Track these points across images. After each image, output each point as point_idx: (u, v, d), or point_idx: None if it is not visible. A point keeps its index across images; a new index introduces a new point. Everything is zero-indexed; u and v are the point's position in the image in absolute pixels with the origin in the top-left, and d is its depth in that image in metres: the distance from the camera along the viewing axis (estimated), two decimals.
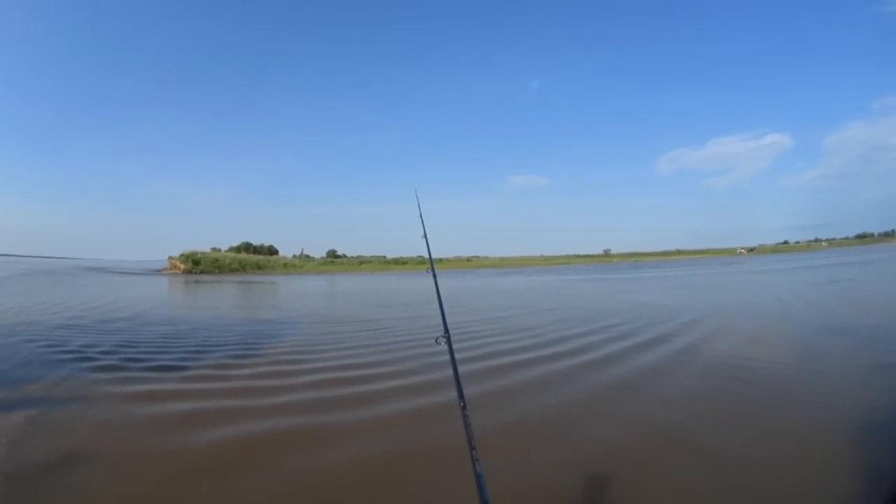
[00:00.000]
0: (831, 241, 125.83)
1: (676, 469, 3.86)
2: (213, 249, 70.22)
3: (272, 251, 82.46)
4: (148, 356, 8.07)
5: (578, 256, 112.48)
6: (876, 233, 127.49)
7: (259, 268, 65.03)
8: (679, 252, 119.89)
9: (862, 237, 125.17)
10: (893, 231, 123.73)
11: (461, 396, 1.83)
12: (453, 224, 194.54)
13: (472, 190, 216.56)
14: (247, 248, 78.16)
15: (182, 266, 56.84)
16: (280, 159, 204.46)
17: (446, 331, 2.28)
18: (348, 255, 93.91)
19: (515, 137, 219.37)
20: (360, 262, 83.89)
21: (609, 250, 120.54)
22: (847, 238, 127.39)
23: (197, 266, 57.77)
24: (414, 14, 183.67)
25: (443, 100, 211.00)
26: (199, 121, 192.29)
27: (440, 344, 2.26)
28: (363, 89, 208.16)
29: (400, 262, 79.80)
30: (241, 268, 62.36)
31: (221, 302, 21.79)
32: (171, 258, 59.91)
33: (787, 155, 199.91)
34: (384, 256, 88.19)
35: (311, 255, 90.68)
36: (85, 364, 7.43)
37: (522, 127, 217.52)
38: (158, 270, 56.69)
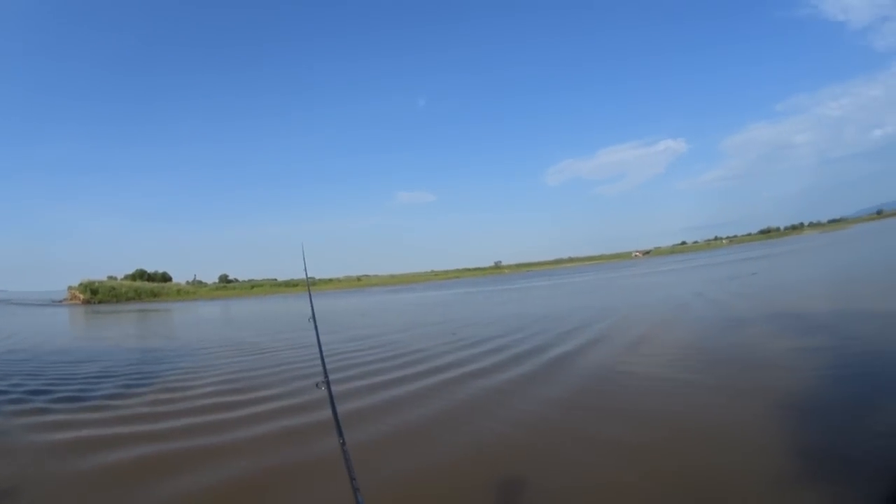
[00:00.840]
0: (732, 239, 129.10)
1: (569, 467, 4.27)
2: (110, 278, 71.30)
3: (166, 278, 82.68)
4: (54, 389, 8.71)
5: (469, 270, 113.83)
6: (782, 227, 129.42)
7: (154, 295, 67.21)
8: (571, 259, 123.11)
9: (766, 232, 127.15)
10: (802, 224, 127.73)
11: (340, 434, 1.90)
12: (343, 243, 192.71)
13: (360, 208, 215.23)
14: (141, 275, 78.90)
15: (81, 296, 58.95)
16: (170, 182, 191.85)
17: (326, 376, 2.43)
18: (240, 279, 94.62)
19: (402, 155, 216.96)
20: (252, 286, 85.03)
21: (500, 262, 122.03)
22: (750, 234, 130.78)
23: (95, 296, 59.67)
24: (302, 34, 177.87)
25: (330, 118, 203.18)
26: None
27: (320, 388, 2.37)
28: (250, 119, 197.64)
29: (291, 285, 79.63)
30: (137, 296, 63.68)
31: (120, 332, 22.92)
32: (70, 288, 61.38)
33: (683, 159, 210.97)
34: (275, 279, 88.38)
35: (204, 280, 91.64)
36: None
37: (409, 144, 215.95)
38: (59, 301, 57.78)
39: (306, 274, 4.75)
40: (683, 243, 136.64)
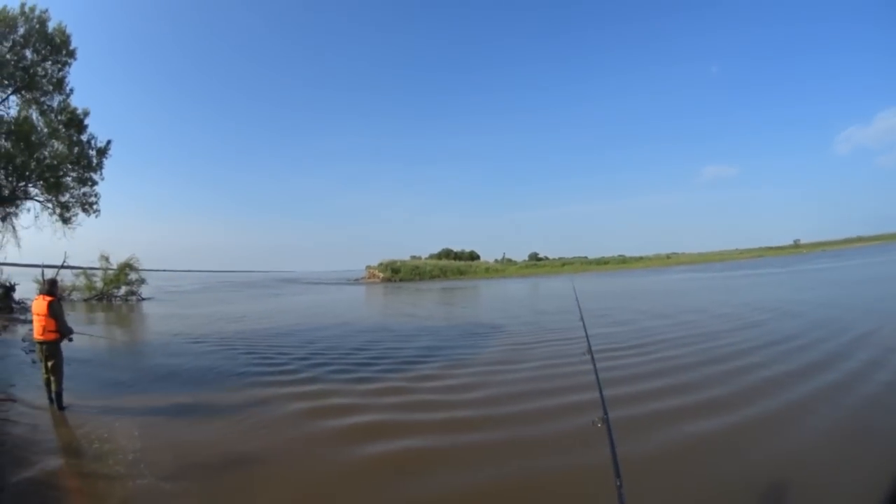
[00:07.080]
0: None
1: None
2: (413, 257, 73.30)
3: (473, 256, 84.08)
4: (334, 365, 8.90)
5: (770, 249, 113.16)
6: None
7: (460, 273, 65.82)
8: (860, 239, 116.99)
9: None
10: None
11: (618, 474, 1.77)
12: (652, 221, 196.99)
13: (664, 184, 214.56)
14: (447, 254, 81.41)
15: (381, 274, 59.28)
16: (475, 164, 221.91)
17: (605, 412, 2.38)
18: (550, 256, 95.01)
19: (701, 126, 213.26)
20: (563, 264, 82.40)
21: (798, 240, 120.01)
22: None
23: (396, 274, 59.72)
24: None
25: (624, 91, 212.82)
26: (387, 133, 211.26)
27: (597, 426, 2.30)
28: (545, 93, 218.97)
29: (601, 263, 79.74)
30: (441, 274, 62.75)
31: (426, 307, 23.11)
32: (369, 267, 62.40)
33: None
34: (585, 257, 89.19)
35: (513, 258, 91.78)
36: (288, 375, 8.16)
37: (706, 114, 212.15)
38: (356, 280, 59.21)
39: None
40: None
